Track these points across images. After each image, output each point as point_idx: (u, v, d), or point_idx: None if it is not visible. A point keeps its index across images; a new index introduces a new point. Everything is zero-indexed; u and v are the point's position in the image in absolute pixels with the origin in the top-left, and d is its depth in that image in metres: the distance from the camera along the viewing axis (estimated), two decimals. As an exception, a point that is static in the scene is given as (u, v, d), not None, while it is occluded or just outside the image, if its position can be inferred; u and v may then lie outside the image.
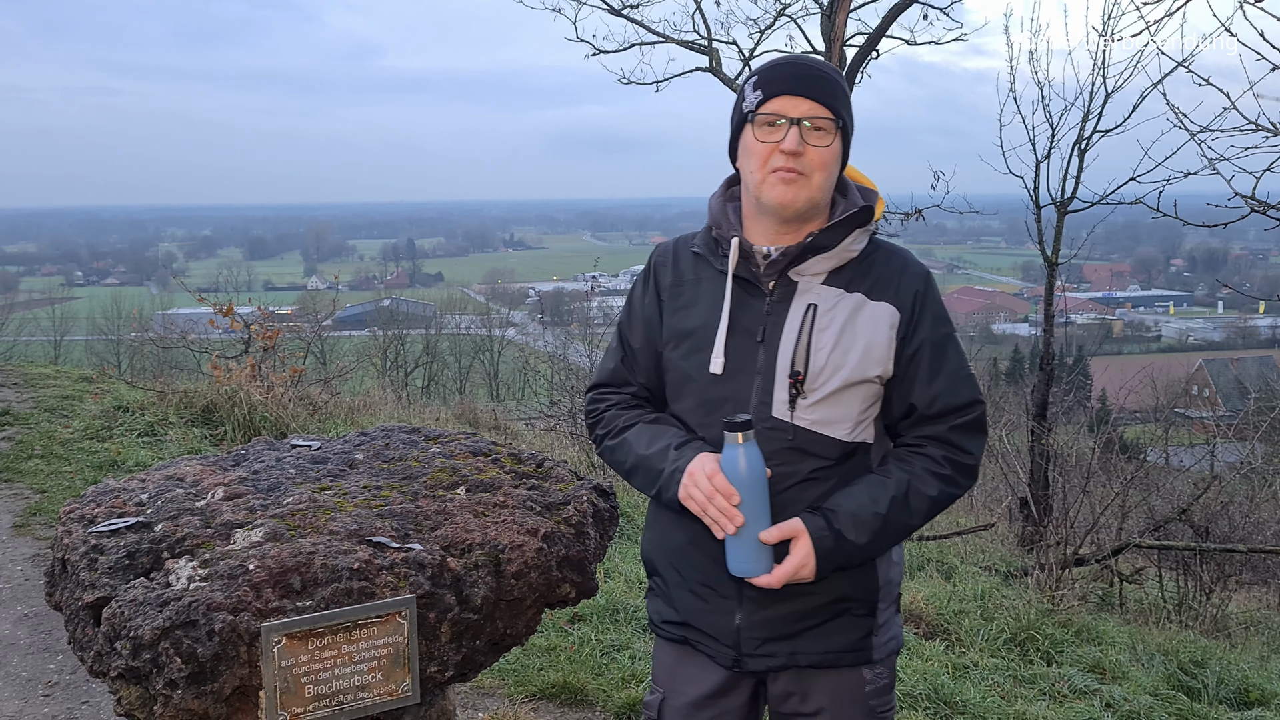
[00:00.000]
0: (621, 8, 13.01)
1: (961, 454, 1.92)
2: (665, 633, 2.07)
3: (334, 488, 2.41)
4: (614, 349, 2.13)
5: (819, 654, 1.93)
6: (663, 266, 2.06)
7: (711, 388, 1.91)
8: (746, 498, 1.80)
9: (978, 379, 1.99)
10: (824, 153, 1.84)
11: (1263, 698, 4.73)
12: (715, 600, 1.95)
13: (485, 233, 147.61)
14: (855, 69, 10.64)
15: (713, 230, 1.98)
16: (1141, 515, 8.35)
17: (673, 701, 2.05)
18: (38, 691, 3.79)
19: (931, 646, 4.72)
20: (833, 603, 1.92)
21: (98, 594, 1.96)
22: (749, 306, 1.92)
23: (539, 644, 4.19)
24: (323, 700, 1.98)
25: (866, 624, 1.95)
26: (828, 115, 1.83)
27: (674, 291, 2.01)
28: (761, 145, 1.85)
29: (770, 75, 1.87)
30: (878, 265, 1.93)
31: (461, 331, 39.06)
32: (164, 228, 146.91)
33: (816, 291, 1.90)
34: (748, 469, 1.80)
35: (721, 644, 1.96)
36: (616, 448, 2.03)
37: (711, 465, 1.83)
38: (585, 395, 2.20)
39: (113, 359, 27.08)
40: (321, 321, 23.23)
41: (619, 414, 2.07)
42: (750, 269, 1.92)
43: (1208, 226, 4.89)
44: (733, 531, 1.82)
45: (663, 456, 1.92)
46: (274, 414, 7.43)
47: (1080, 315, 49.80)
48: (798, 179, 1.84)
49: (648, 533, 2.12)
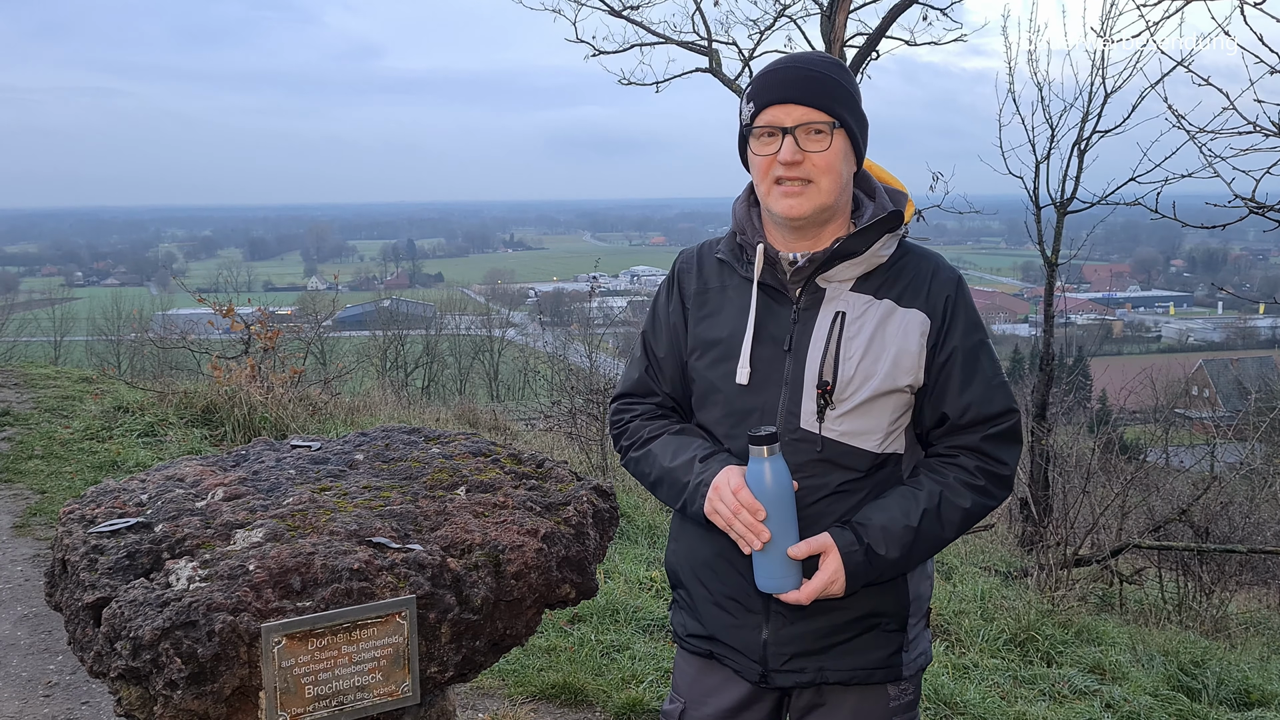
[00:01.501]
0: (621, 9, 13.01)
1: (995, 464, 1.86)
2: (690, 646, 2.03)
3: (334, 488, 2.41)
4: (638, 358, 2.08)
5: (848, 670, 1.89)
6: (687, 274, 2.01)
7: (738, 398, 1.88)
8: (773, 513, 1.76)
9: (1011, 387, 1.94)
10: (824, 156, 1.79)
11: (1263, 698, 4.73)
12: (742, 615, 1.92)
13: (485, 233, 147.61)
14: (855, 69, 10.63)
15: (737, 236, 1.94)
16: (1141, 516, 8.35)
17: (694, 713, 2.02)
18: (38, 692, 3.79)
19: (932, 647, 4.72)
20: (862, 618, 1.88)
21: (98, 594, 1.96)
22: (775, 314, 1.88)
23: (539, 644, 4.19)
24: (323, 701, 1.98)
25: (897, 639, 1.91)
26: (823, 118, 1.79)
27: (699, 299, 1.97)
28: (760, 158, 1.83)
29: (761, 85, 1.83)
30: (908, 270, 1.88)
31: (461, 332, 39.03)
32: (164, 228, 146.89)
33: (845, 298, 1.86)
34: (774, 483, 1.76)
35: (748, 659, 1.92)
36: (641, 459, 2.00)
37: (737, 479, 1.79)
38: (610, 405, 2.17)
39: (113, 359, 27.08)
40: (321, 322, 23.23)
41: (644, 424, 2.03)
42: (776, 276, 1.88)
43: (1207, 227, 4.90)
44: (759, 547, 1.78)
45: (688, 469, 1.88)
46: (274, 414, 7.43)
47: (1080, 316, 49.82)
48: (803, 189, 1.80)
49: (673, 544, 2.08)
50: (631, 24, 13.20)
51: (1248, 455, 10.78)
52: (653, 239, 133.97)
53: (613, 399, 2.15)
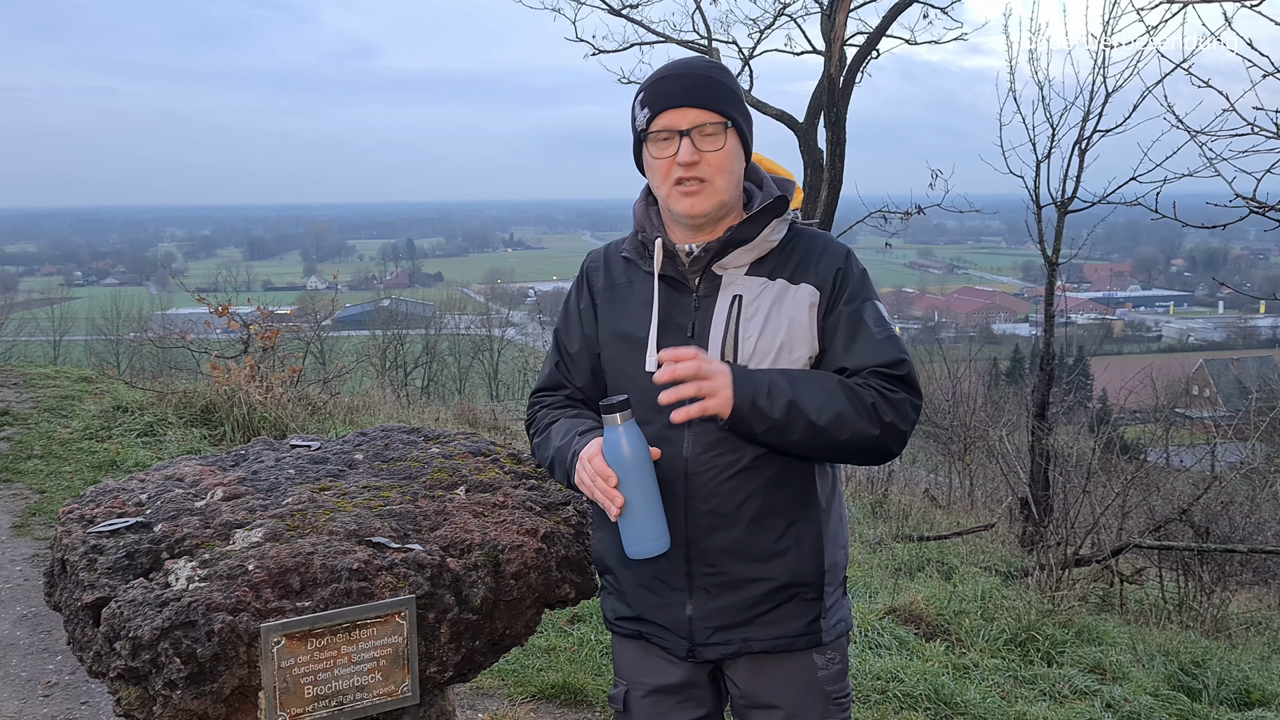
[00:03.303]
0: (621, 8, 13.00)
1: (886, 389, 1.88)
2: (621, 629, 2.10)
3: (333, 488, 2.40)
4: (550, 354, 2.17)
5: (770, 639, 1.96)
6: (594, 272, 2.11)
7: (649, 386, 1.92)
8: (627, 479, 1.81)
9: (903, 340, 1.99)
10: (719, 155, 1.89)
11: (1263, 698, 4.72)
12: (666, 593, 1.99)
13: (485, 233, 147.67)
14: (855, 69, 10.62)
15: (639, 234, 2.04)
16: (1142, 515, 8.34)
17: (636, 693, 2.09)
18: (37, 692, 3.79)
19: (932, 647, 4.72)
20: (781, 588, 1.95)
21: (97, 594, 1.96)
22: (678, 304, 1.97)
23: (538, 644, 4.19)
24: (322, 701, 1.98)
25: (815, 608, 1.98)
26: (716, 119, 1.88)
27: (607, 295, 2.06)
28: (659, 161, 1.91)
29: (654, 92, 1.91)
30: (799, 250, 1.97)
31: (461, 331, 39.05)
32: (163, 228, 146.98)
33: (741, 283, 1.95)
34: (629, 450, 1.81)
35: (675, 635, 2.00)
36: (540, 445, 2.08)
37: (594, 449, 1.86)
38: (529, 400, 2.24)
39: (112, 359, 27.07)
40: (321, 321, 23.23)
41: (548, 413, 2.11)
42: (676, 268, 1.97)
43: (1207, 228, 4.89)
44: (614, 513, 1.83)
45: (569, 445, 1.96)
46: (273, 414, 7.43)
47: (1080, 315, 49.85)
48: (701, 187, 1.89)
49: (596, 533, 2.14)
50: (631, 23, 13.21)
51: (1248, 455, 10.78)
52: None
53: (530, 395, 2.22)
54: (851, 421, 1.83)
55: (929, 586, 5.97)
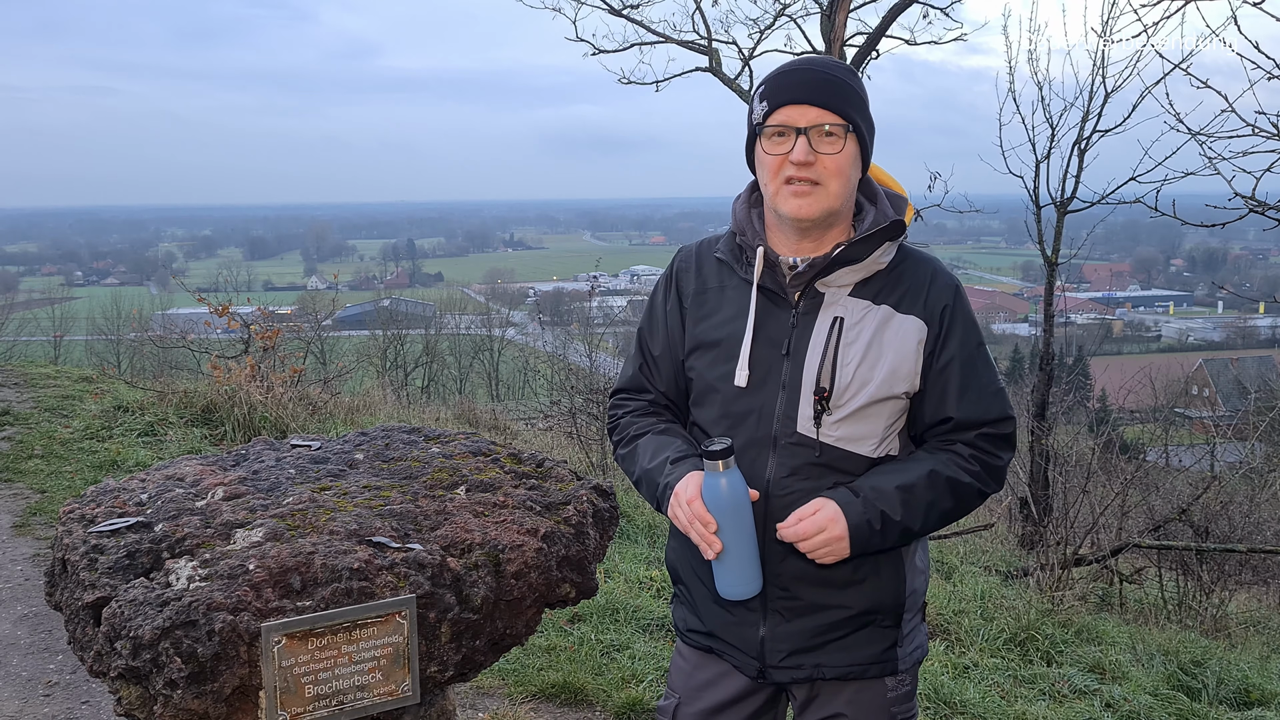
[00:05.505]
0: (621, 7, 13.02)
1: (989, 455, 1.87)
2: (691, 640, 2.06)
3: (334, 488, 2.41)
4: (634, 355, 2.10)
5: (844, 666, 1.91)
6: (685, 272, 2.02)
7: (736, 400, 1.88)
8: (726, 525, 1.79)
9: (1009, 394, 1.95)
10: (837, 159, 1.80)
11: (1263, 698, 4.73)
12: (740, 612, 1.94)
13: (485, 233, 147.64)
14: (855, 69, 10.63)
15: (737, 237, 1.94)
16: (1141, 515, 8.35)
17: (688, 708, 2.04)
18: (38, 691, 3.79)
19: (931, 646, 4.73)
20: (858, 615, 1.90)
21: (98, 594, 1.96)
22: (774, 317, 1.88)
23: (539, 644, 4.19)
24: (323, 700, 1.98)
25: (891, 635, 1.93)
26: (837, 121, 1.79)
27: (698, 299, 1.97)
28: (771, 157, 1.82)
29: (776, 85, 1.83)
30: (906, 276, 1.89)
31: (461, 331, 39.03)
32: (164, 228, 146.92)
33: (843, 304, 1.86)
34: (729, 496, 1.78)
35: (746, 655, 1.95)
36: (626, 457, 2.03)
37: (693, 489, 1.81)
38: (609, 399, 2.19)
39: (113, 359, 27.06)
40: (321, 321, 23.23)
41: (633, 421, 2.05)
42: (776, 279, 1.88)
43: (1207, 226, 4.90)
44: (711, 557, 1.82)
45: (661, 470, 1.91)
46: (274, 414, 7.43)
47: (1080, 315, 49.79)
48: (812, 189, 1.80)
49: (672, 541, 2.10)
50: (631, 23, 13.24)
51: (1248, 455, 10.79)
52: (652, 238, 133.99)
53: (610, 393, 2.17)
54: (957, 514, 1.88)
55: (929, 586, 5.97)
